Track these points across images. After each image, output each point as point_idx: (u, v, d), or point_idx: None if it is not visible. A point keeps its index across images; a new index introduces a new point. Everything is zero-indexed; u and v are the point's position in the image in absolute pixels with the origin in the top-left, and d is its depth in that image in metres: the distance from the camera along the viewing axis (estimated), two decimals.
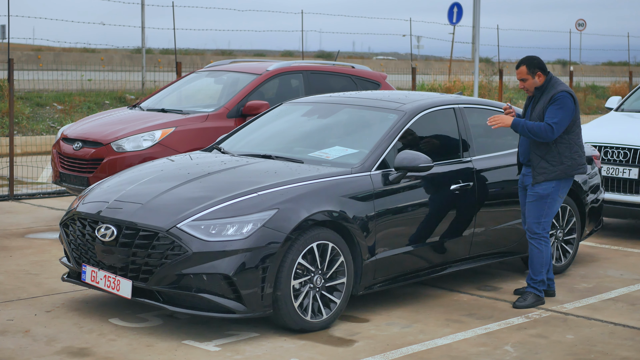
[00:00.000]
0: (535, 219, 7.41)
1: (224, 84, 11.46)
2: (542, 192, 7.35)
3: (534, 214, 7.41)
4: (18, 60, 23.42)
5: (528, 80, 7.40)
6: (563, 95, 7.26)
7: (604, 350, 6.37)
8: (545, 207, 7.38)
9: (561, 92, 7.28)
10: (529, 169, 7.50)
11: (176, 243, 6.23)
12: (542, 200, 7.36)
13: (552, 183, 7.34)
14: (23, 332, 6.40)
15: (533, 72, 7.38)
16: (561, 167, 7.32)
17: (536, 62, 7.41)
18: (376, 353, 6.16)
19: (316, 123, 8.12)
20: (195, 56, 31.75)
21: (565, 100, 7.26)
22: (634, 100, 12.08)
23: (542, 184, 7.34)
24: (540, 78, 7.39)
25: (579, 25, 42.53)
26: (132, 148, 10.03)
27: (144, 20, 24.66)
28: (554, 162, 7.31)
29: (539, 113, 7.34)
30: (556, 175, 7.31)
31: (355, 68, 12.23)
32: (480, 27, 18.47)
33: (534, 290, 7.46)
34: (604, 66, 47.37)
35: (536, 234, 7.43)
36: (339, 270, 6.66)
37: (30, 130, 18.33)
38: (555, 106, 7.25)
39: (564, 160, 7.33)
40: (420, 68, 29.75)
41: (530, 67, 7.39)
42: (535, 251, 7.45)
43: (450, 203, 7.58)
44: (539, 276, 7.44)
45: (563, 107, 7.24)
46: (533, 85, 7.42)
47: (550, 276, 7.70)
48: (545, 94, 7.38)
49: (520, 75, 7.41)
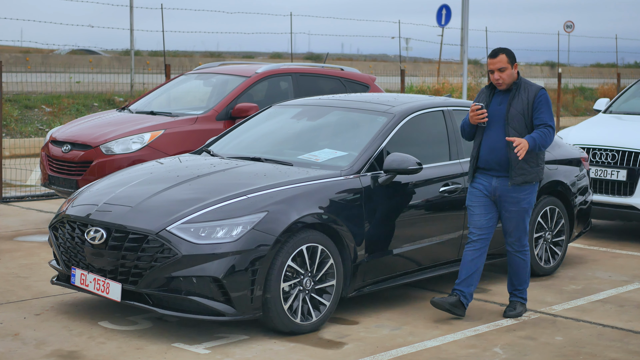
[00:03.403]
0: (521, 233, 7.11)
1: (213, 86, 11.46)
2: (527, 206, 7.05)
3: (520, 228, 7.09)
4: (6, 62, 23.36)
5: (507, 70, 6.91)
6: (546, 93, 6.99)
7: (592, 352, 6.39)
8: (528, 219, 7.12)
9: (542, 89, 7.00)
10: (502, 179, 6.98)
11: (166, 246, 6.23)
12: (526, 213, 7.06)
13: (533, 193, 7.03)
14: (12, 335, 6.39)
15: (511, 62, 6.94)
16: (537, 169, 7.03)
17: (513, 53, 7.01)
18: (365, 355, 6.17)
19: (305, 125, 8.13)
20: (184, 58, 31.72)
21: (548, 97, 6.98)
22: (622, 102, 12.12)
23: (525, 199, 6.99)
24: (515, 71, 6.98)
25: (567, 27, 42.65)
26: (121, 150, 10.02)
27: (133, 22, 24.62)
28: (532, 163, 6.99)
29: (521, 110, 6.94)
30: (533, 177, 6.99)
31: (344, 70, 12.24)
32: (468, 29, 18.52)
33: (520, 299, 7.27)
34: (592, 68, 47.47)
35: (523, 246, 7.17)
36: (328, 272, 6.67)
37: (19, 132, 18.29)
38: (545, 105, 6.94)
39: (539, 162, 7.06)
40: (409, 70, 29.82)
41: (509, 56, 6.94)
42: (522, 262, 7.19)
43: (440, 205, 7.59)
44: (524, 285, 7.25)
45: (548, 105, 6.96)
46: (510, 77, 6.95)
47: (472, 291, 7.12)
48: (523, 90, 6.98)
49: (499, 65, 6.90)
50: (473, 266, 7.06)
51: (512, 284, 7.28)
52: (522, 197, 7.00)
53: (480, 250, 7.07)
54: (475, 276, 7.07)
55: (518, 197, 6.99)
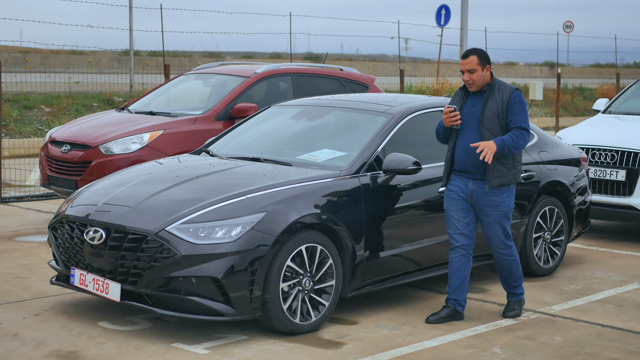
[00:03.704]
0: (504, 236, 6.99)
1: (212, 86, 11.46)
2: (507, 209, 6.94)
3: (502, 231, 6.97)
4: (5, 62, 23.35)
5: (477, 72, 6.81)
6: (520, 94, 6.86)
7: (591, 352, 6.40)
8: (509, 221, 7.02)
9: (517, 90, 6.86)
10: (479, 182, 6.89)
11: (165, 246, 6.23)
12: (506, 216, 6.95)
13: (511, 195, 6.93)
14: (12, 336, 6.39)
15: (483, 64, 6.83)
16: (514, 171, 6.89)
17: (486, 54, 6.91)
18: (365, 355, 6.17)
19: (304, 126, 8.13)
20: (184, 58, 31.73)
21: (523, 99, 6.86)
22: (622, 103, 12.13)
23: (504, 202, 6.88)
24: (488, 72, 6.86)
25: (566, 28, 42.65)
26: (120, 151, 10.02)
27: (132, 22, 24.63)
28: (508, 165, 6.85)
29: (495, 112, 6.81)
30: (509, 179, 6.85)
31: (344, 70, 12.24)
32: (468, 29, 18.56)
33: (516, 298, 7.24)
34: (591, 68, 47.49)
35: (509, 248, 7.05)
36: (327, 272, 6.67)
37: (18, 132, 18.29)
38: (519, 107, 6.80)
39: (516, 165, 6.91)
40: (409, 70, 29.83)
41: (481, 57, 6.83)
42: (513, 262, 7.10)
43: (439, 205, 7.59)
44: (518, 281, 7.19)
45: (523, 107, 6.83)
46: (481, 79, 6.84)
47: (465, 297, 7.08)
48: (497, 92, 6.85)
49: (468, 66, 6.81)
50: (462, 272, 7.00)
51: (507, 284, 7.23)
52: (501, 200, 6.88)
53: (466, 256, 6.99)
54: (466, 282, 7.03)
55: (497, 200, 6.88)
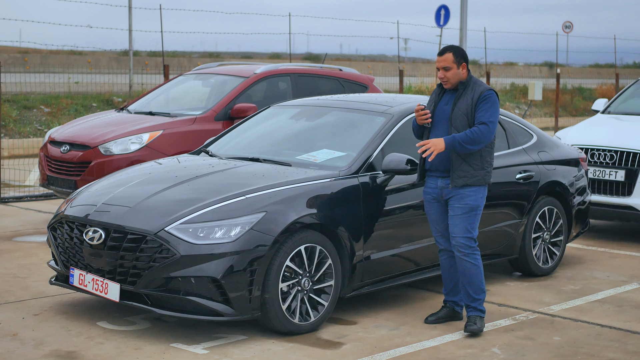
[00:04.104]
0: (466, 233, 6.72)
1: (212, 86, 11.46)
2: (473, 204, 6.69)
3: (464, 227, 6.71)
4: (5, 62, 23.35)
5: (452, 69, 6.71)
6: (492, 94, 6.70)
7: (590, 352, 6.40)
8: (475, 219, 6.75)
9: (489, 90, 6.71)
10: (446, 179, 6.77)
11: (164, 246, 6.23)
12: (472, 212, 6.71)
13: (479, 192, 6.71)
14: (11, 336, 6.39)
15: (458, 61, 6.72)
16: (482, 172, 6.70)
17: (463, 52, 6.79)
18: (364, 355, 6.18)
19: (304, 126, 8.14)
20: (183, 59, 31.72)
21: (494, 98, 6.68)
22: (621, 103, 12.13)
23: (470, 196, 6.67)
24: (464, 71, 6.75)
25: (565, 28, 42.65)
26: (120, 151, 10.02)
27: (131, 22, 24.62)
28: (476, 166, 6.68)
29: (465, 110, 6.69)
30: (476, 180, 6.67)
31: (343, 71, 12.25)
32: (467, 30, 18.56)
33: (477, 312, 6.80)
34: (590, 68, 47.49)
35: (470, 248, 6.74)
36: (326, 272, 6.67)
37: (18, 133, 18.29)
38: (486, 104, 6.65)
39: (485, 166, 6.72)
40: (408, 70, 29.83)
41: (456, 55, 6.72)
42: (473, 267, 6.76)
43: None
44: (480, 294, 6.80)
45: (494, 106, 6.67)
46: (456, 76, 6.73)
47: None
48: (469, 90, 6.73)
49: (443, 63, 6.71)
50: (454, 274, 6.95)
51: (468, 295, 6.82)
52: (467, 194, 6.68)
53: (454, 257, 6.89)
54: (460, 282, 6.99)
55: (462, 193, 6.69)
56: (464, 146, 6.57)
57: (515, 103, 30.86)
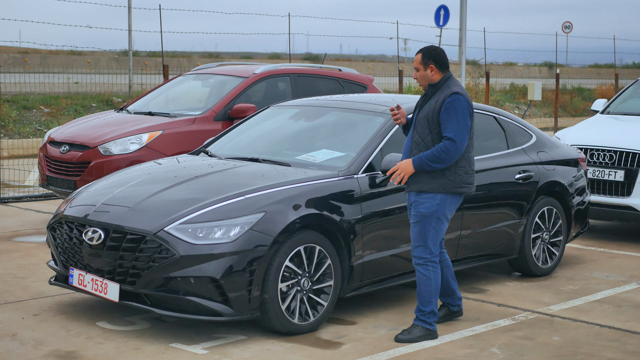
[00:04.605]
0: (418, 242, 6.53)
1: (211, 87, 11.47)
2: (425, 212, 6.45)
3: (416, 235, 6.53)
4: (4, 62, 23.34)
5: (419, 71, 6.53)
6: (456, 100, 6.37)
7: (590, 352, 6.40)
8: (430, 228, 6.48)
9: (452, 94, 6.39)
10: None
11: (163, 246, 6.23)
12: (425, 220, 6.47)
13: (434, 200, 6.45)
14: (10, 336, 6.39)
15: (426, 63, 6.50)
16: (442, 180, 6.42)
17: (434, 53, 6.53)
18: (363, 355, 6.18)
19: (303, 126, 8.14)
20: (183, 59, 31.69)
21: (459, 105, 6.37)
22: (620, 103, 12.14)
23: (423, 203, 6.45)
24: (433, 73, 6.51)
25: (565, 28, 42.63)
26: (119, 151, 10.02)
27: (131, 23, 24.62)
28: (434, 174, 6.41)
29: (426, 114, 6.46)
30: (431, 188, 6.41)
31: (342, 71, 12.25)
32: (466, 30, 18.56)
33: (422, 324, 6.57)
34: (590, 68, 47.44)
35: (422, 259, 6.52)
36: (326, 272, 6.67)
37: (17, 133, 18.29)
38: (448, 113, 6.36)
39: (446, 174, 6.41)
40: (407, 70, 29.82)
41: (425, 56, 6.51)
42: (422, 278, 6.54)
43: None
44: (427, 307, 6.53)
45: (457, 113, 6.35)
46: (425, 78, 6.54)
47: (459, 295, 7.00)
48: (438, 94, 6.49)
49: (414, 64, 6.59)
50: (443, 277, 6.85)
51: (418, 305, 6.63)
52: (421, 201, 6.50)
53: (441, 262, 6.80)
54: (450, 284, 6.92)
55: (418, 200, 6.52)
56: (430, 165, 6.37)
57: (515, 103, 30.87)
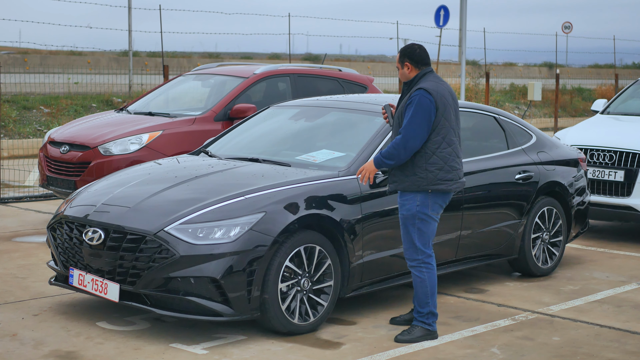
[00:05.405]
0: (407, 244, 6.51)
1: (211, 87, 11.47)
2: (407, 213, 6.43)
3: (405, 238, 6.52)
4: (4, 63, 23.34)
5: (399, 70, 6.53)
6: (417, 95, 6.31)
7: (590, 352, 6.40)
8: (414, 230, 6.45)
9: (417, 90, 6.34)
10: None
11: (163, 246, 6.23)
12: (408, 222, 6.46)
13: (415, 201, 6.40)
14: (10, 336, 6.39)
15: (402, 61, 6.49)
16: (413, 178, 6.37)
17: (408, 51, 6.48)
18: (363, 355, 6.18)
19: (303, 126, 8.14)
20: (183, 59, 31.69)
21: (417, 99, 6.30)
22: (620, 103, 12.14)
23: (404, 205, 6.44)
24: (409, 70, 6.48)
25: (565, 28, 42.64)
26: (119, 151, 10.02)
27: (131, 23, 24.63)
28: (407, 171, 6.39)
29: (399, 111, 6.48)
30: (407, 186, 6.39)
31: (342, 71, 12.25)
32: (466, 30, 18.55)
33: (421, 324, 6.57)
34: (590, 69, 47.45)
35: (415, 260, 6.51)
36: (326, 273, 6.67)
37: (17, 133, 18.29)
38: (410, 110, 6.33)
39: (416, 171, 6.36)
40: None
41: (401, 55, 6.50)
42: (417, 280, 6.53)
43: None
44: (425, 308, 6.53)
45: (416, 110, 6.28)
46: (403, 77, 6.52)
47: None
48: (411, 90, 6.48)
49: (396, 63, 6.60)
50: None
51: (415, 306, 6.64)
52: (402, 203, 6.49)
53: None
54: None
55: (400, 201, 6.52)
56: (385, 162, 6.38)
57: (515, 103, 30.87)
